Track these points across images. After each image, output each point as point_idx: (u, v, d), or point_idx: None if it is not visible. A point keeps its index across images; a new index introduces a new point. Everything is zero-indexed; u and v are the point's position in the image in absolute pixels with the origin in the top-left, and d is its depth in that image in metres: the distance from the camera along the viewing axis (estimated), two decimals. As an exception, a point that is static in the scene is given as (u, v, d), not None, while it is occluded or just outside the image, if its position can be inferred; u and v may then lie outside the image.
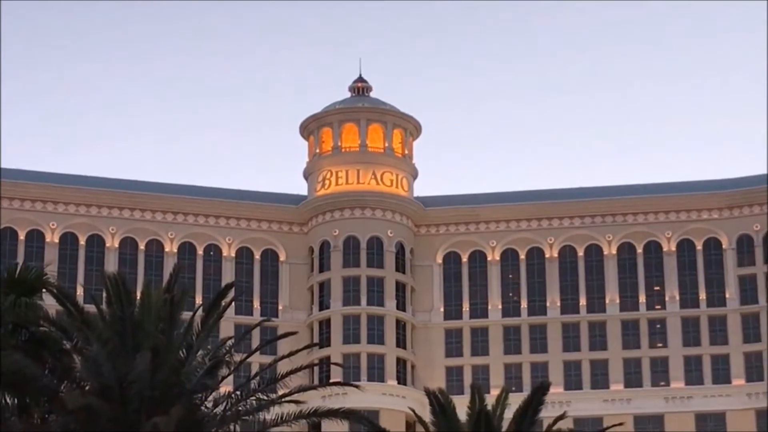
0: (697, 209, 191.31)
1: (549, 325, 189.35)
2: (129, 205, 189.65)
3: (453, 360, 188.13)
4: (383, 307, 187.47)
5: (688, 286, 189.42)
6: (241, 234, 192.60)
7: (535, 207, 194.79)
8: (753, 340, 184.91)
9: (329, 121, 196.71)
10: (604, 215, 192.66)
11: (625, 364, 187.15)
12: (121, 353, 40.37)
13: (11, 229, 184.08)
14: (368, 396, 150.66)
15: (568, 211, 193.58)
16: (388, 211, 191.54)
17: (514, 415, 42.22)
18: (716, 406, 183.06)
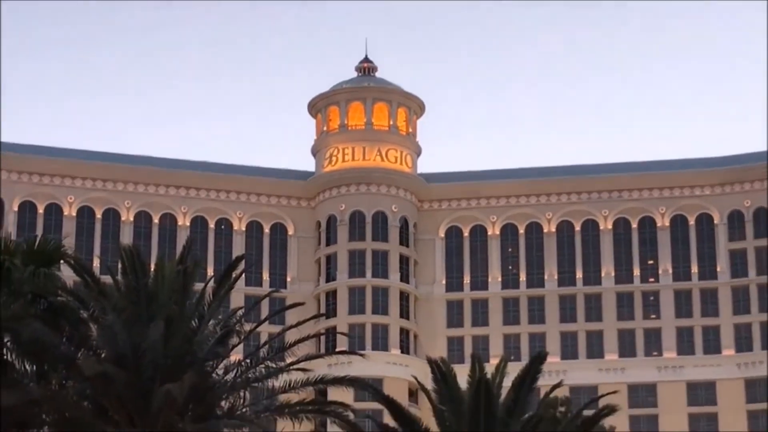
0: (689, 186, 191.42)
1: (546, 297, 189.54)
2: (144, 180, 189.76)
3: (454, 330, 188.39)
4: (387, 279, 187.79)
5: (681, 260, 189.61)
6: (251, 208, 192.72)
7: (534, 183, 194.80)
8: (743, 312, 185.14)
9: (336, 100, 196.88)
10: (600, 192, 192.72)
11: (619, 335, 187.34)
12: (135, 322, 40.41)
13: (30, 203, 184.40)
14: (373, 364, 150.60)
15: (566, 187, 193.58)
16: (393, 186, 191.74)
17: (513, 383, 42.23)
18: (707, 375, 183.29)
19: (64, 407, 42.29)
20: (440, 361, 45.33)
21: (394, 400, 45.26)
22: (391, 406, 43.56)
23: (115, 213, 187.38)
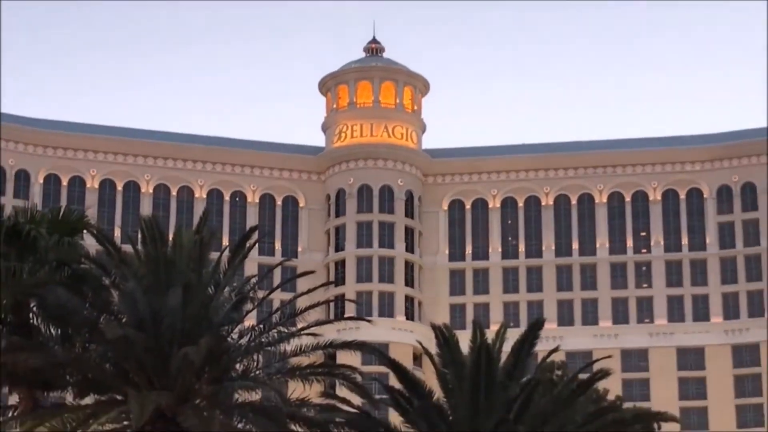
0: (680, 162, 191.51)
1: (544, 266, 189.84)
2: (162, 154, 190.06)
3: (456, 298, 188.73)
4: (393, 249, 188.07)
5: (672, 232, 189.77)
6: (265, 182, 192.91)
7: (532, 159, 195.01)
8: (730, 281, 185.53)
9: (345, 79, 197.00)
10: (595, 167, 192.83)
11: (613, 303, 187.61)
12: (154, 289, 40.46)
13: (55, 176, 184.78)
14: (379, 330, 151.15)
15: (563, 162, 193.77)
16: (399, 162, 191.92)
17: (512, 348, 42.22)
18: (696, 341, 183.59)
19: (87, 369, 42.35)
20: (443, 327, 45.30)
21: (399, 363, 45.23)
22: (397, 370, 43.56)
23: (135, 185, 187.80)
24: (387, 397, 43.23)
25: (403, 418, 42.37)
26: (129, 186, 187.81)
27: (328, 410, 43.00)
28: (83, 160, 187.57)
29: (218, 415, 40.90)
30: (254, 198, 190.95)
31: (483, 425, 39.90)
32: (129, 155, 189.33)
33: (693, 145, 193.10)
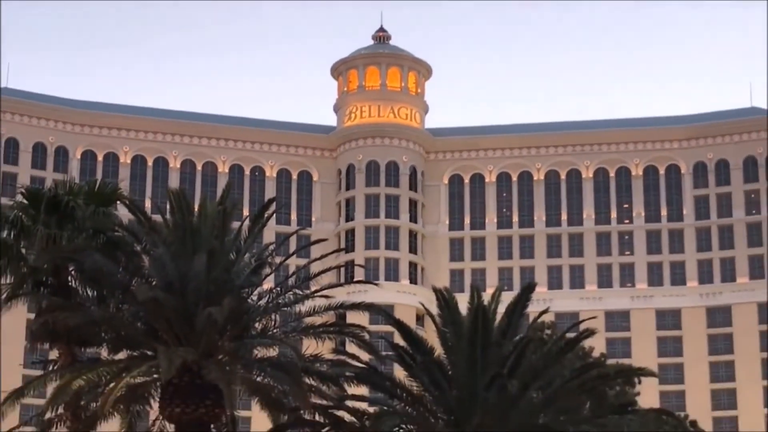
0: (660, 140, 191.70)
1: (536, 235, 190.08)
2: (189, 132, 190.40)
3: (455, 264, 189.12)
4: (398, 219, 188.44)
5: (652, 204, 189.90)
6: (282, 158, 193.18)
7: (525, 138, 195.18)
8: (705, 249, 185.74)
9: (355, 65, 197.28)
10: (582, 145, 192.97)
11: (598, 269, 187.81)
12: (181, 255, 40.53)
13: (91, 152, 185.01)
14: (385, 293, 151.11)
15: (553, 141, 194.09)
16: (403, 140, 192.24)
17: (506, 309, 42.26)
18: (673, 304, 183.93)
19: (120, 327, 42.49)
20: (444, 290, 45.31)
21: (403, 323, 45.26)
22: (401, 329, 43.60)
23: (164, 161, 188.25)
24: (392, 354, 43.27)
25: (406, 372, 42.43)
26: (158, 161, 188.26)
27: (338, 365, 43.10)
28: (117, 137, 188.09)
29: (239, 369, 41.03)
30: (272, 172, 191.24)
31: (479, 379, 39.98)
32: (158, 133, 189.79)
33: (672, 125, 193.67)
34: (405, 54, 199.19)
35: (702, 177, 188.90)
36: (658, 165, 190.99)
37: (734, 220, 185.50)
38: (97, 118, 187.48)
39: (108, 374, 40.62)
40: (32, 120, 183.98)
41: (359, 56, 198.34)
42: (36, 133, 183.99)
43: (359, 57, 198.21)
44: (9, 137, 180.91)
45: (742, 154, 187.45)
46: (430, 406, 41.41)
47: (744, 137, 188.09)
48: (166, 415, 41.36)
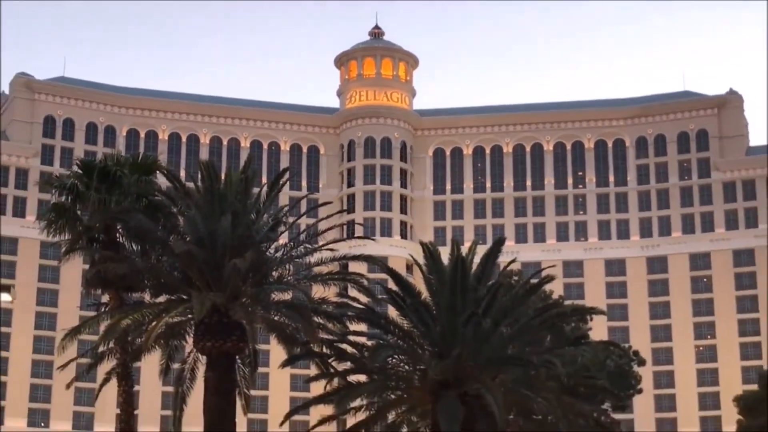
0: (608, 119, 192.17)
1: (505, 198, 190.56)
2: (216, 114, 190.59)
3: (439, 222, 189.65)
4: (391, 186, 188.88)
5: (602, 172, 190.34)
6: (294, 134, 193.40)
7: (496, 117, 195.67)
8: (645, 209, 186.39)
9: (355, 56, 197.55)
10: (544, 123, 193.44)
11: (556, 226, 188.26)
12: (210, 215, 40.52)
13: (135, 130, 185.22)
14: (380, 246, 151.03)
15: (520, 120, 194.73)
16: (395, 119, 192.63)
17: (480, 260, 42.31)
18: (619, 254, 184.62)
19: (160, 276, 42.57)
20: (429, 244, 45.30)
21: (395, 271, 45.35)
22: (394, 276, 43.67)
23: (196, 137, 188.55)
24: (386, 297, 43.31)
25: (398, 312, 42.51)
26: (191, 138, 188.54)
27: (342, 307, 43.17)
28: (156, 118, 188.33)
29: (259, 310, 41.18)
30: (286, 147, 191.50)
31: (459, 318, 40.07)
32: (191, 114, 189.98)
33: (618, 106, 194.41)
34: (396, 47, 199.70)
35: (643, 149, 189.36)
36: (607, 139, 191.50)
37: (669, 184, 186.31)
38: (139, 102, 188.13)
39: (150, 315, 40.73)
40: (85, 104, 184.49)
41: (358, 49, 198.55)
42: (88, 115, 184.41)
43: (358, 50, 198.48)
44: (66, 118, 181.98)
45: (676, 129, 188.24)
46: (418, 340, 41.52)
47: (678, 116, 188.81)
48: (198, 348, 41.48)
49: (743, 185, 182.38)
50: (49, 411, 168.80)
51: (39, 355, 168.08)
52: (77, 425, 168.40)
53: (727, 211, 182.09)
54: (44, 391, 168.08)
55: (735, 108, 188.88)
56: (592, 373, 46.14)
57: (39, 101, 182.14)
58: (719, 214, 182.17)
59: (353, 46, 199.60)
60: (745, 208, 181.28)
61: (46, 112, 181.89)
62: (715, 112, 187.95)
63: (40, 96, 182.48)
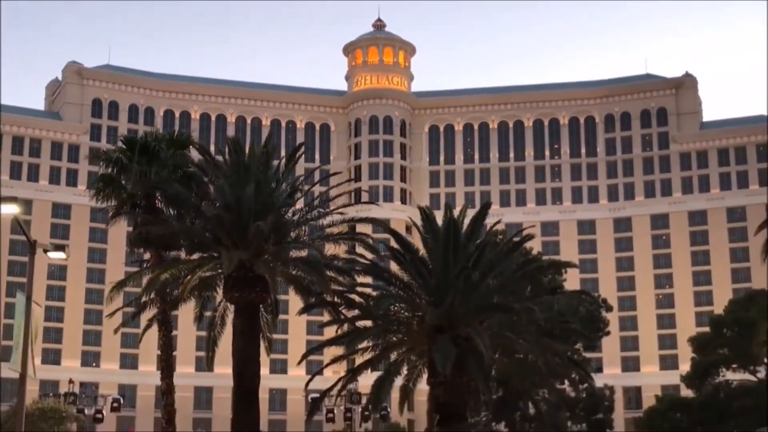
0: (580, 98, 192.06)
1: (491, 169, 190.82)
2: (241, 96, 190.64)
3: (434, 189, 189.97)
4: (392, 158, 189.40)
5: (575, 145, 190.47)
6: (308, 114, 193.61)
7: (483, 98, 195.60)
8: (612, 176, 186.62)
9: (360, 46, 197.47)
10: (524, 102, 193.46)
11: (536, 191, 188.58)
12: (236, 184, 40.56)
13: (170, 111, 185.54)
14: (383, 210, 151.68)
15: (503, 100, 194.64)
16: (396, 100, 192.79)
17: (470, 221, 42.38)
18: (590, 216, 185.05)
19: (194, 236, 42.61)
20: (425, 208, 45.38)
21: (397, 232, 45.44)
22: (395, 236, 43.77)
23: (223, 117, 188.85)
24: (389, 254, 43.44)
25: (399, 267, 42.67)
26: (219, 117, 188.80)
27: (350, 262, 43.29)
28: (189, 100, 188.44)
29: (279, 266, 41.26)
30: (301, 125, 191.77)
31: (451, 271, 40.21)
32: (219, 97, 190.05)
33: (589, 87, 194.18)
34: (396, 37, 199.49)
35: (610, 125, 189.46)
36: (579, 116, 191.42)
37: (633, 155, 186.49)
38: (174, 86, 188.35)
39: (185, 270, 40.87)
40: (128, 88, 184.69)
41: (363, 39, 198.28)
42: (130, 98, 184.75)
43: (363, 40, 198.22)
44: (111, 100, 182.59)
45: (639, 107, 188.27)
46: (416, 291, 41.66)
47: (641, 95, 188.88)
48: (227, 298, 41.67)
49: (697, 155, 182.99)
50: (100, 353, 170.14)
51: (90, 305, 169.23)
52: (124, 365, 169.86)
53: (683, 177, 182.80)
54: (95, 336, 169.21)
55: (690, 88, 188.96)
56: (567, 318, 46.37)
57: (88, 86, 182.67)
58: (676, 180, 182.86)
59: (359, 36, 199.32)
60: (698, 175, 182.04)
61: (94, 96, 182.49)
62: (672, 92, 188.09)
63: (88, 81, 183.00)
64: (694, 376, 77.05)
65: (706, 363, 75.45)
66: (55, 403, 76.10)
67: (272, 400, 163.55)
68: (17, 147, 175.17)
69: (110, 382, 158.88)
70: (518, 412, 68.44)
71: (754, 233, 64.02)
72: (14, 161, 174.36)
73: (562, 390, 55.60)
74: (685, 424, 75.71)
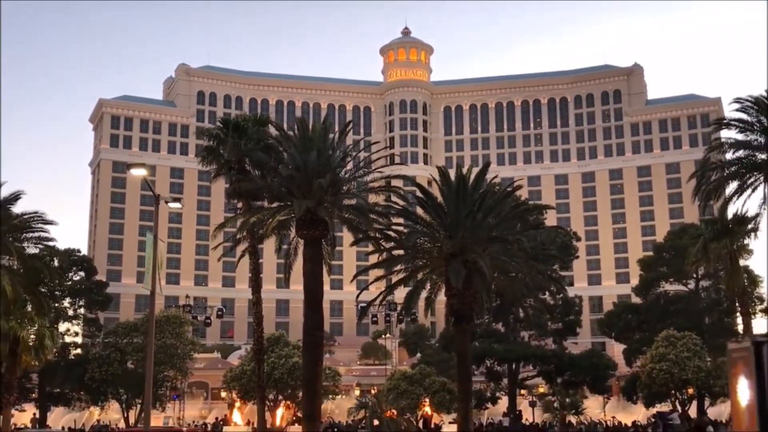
0: (556, 84, 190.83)
1: (490, 138, 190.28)
2: (306, 87, 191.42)
3: (448, 153, 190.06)
4: (417, 131, 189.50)
5: (552, 119, 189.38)
6: (354, 99, 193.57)
7: (484, 85, 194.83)
8: (581, 141, 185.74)
9: (392, 48, 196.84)
10: (515, 87, 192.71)
11: (524, 154, 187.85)
12: (303, 151, 40.36)
13: (253, 98, 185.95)
14: (411, 169, 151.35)
15: (498, 86, 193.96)
16: (419, 88, 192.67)
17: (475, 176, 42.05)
18: (564, 171, 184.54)
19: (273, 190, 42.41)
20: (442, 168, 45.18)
21: (421, 185, 45.27)
22: (420, 188, 43.62)
23: (293, 102, 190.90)
24: (415, 201, 43.34)
25: (423, 210, 42.58)
26: (290, 103, 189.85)
27: (387, 208, 43.13)
28: (267, 90, 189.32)
29: (336, 211, 41.16)
30: (349, 107, 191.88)
31: (461, 213, 40.11)
32: (289, 88, 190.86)
33: (562, 75, 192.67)
34: (419, 41, 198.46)
35: (579, 103, 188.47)
36: (555, 97, 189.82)
37: (596, 126, 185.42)
38: (256, 81, 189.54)
39: (268, 214, 40.97)
40: (223, 83, 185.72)
41: (394, 43, 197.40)
42: (225, 89, 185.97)
43: (394, 43, 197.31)
44: (211, 92, 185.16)
45: (600, 89, 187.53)
46: (436, 228, 41.56)
47: (601, 81, 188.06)
48: (298, 235, 41.55)
49: (643, 125, 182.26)
50: (207, 276, 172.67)
51: (199, 241, 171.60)
52: (224, 284, 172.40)
53: (633, 142, 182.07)
54: (203, 263, 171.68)
55: (638, 75, 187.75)
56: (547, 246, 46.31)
57: (194, 81, 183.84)
58: (628, 144, 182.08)
59: (391, 41, 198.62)
60: (644, 140, 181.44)
61: (199, 89, 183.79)
62: (625, 78, 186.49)
63: (194, 78, 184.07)
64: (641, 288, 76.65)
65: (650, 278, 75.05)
66: (176, 312, 77.47)
67: (332, 309, 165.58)
68: (144, 127, 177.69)
69: (215, 296, 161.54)
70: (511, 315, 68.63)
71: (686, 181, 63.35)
72: (142, 137, 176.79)
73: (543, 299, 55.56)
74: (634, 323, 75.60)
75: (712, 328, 69.35)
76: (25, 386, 66.67)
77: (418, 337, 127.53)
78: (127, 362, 64.93)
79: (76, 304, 72.36)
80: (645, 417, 72.53)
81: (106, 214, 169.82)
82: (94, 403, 68.83)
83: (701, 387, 59.71)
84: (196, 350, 73.69)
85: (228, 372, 65.15)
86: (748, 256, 58.16)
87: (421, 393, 61.80)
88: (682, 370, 58.01)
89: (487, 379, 70.06)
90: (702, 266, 56.47)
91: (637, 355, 70.34)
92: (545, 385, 69.64)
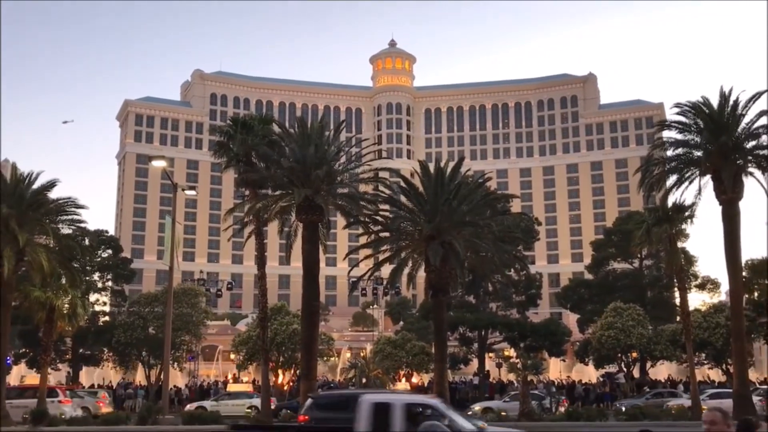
0: (522, 89, 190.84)
1: (465, 136, 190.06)
2: (304, 90, 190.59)
3: (428, 149, 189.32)
4: (401, 129, 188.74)
5: (518, 120, 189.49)
6: (347, 101, 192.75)
7: (460, 91, 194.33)
8: (543, 140, 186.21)
9: (380, 57, 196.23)
10: (486, 93, 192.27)
11: (493, 150, 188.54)
12: (303, 147, 40.22)
13: (259, 100, 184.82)
14: (396, 163, 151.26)
15: (472, 92, 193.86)
16: (403, 92, 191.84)
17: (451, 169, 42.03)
18: (527, 165, 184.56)
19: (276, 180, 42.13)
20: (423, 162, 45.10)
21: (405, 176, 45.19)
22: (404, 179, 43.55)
23: (293, 104, 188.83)
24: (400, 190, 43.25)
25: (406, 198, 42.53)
26: (291, 104, 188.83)
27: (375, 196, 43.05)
28: (271, 93, 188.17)
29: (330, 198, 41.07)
30: (342, 108, 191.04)
31: (439, 200, 40.10)
32: (290, 91, 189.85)
33: (526, 83, 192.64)
34: (404, 52, 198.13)
35: (541, 107, 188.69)
36: (521, 101, 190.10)
37: (555, 126, 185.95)
38: (261, 84, 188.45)
39: (271, 201, 40.83)
40: (233, 86, 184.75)
41: (382, 53, 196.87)
42: (234, 92, 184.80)
43: (382, 53, 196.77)
44: (222, 94, 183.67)
45: (560, 95, 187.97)
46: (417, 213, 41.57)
47: (560, 88, 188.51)
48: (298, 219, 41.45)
49: (596, 126, 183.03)
50: (218, 253, 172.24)
51: (212, 223, 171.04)
52: (234, 261, 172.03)
53: (587, 140, 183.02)
54: (215, 243, 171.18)
55: (592, 82, 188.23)
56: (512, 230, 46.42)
57: (207, 85, 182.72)
58: (583, 142, 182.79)
59: (379, 51, 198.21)
60: (597, 138, 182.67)
61: (211, 91, 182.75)
62: (581, 85, 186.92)
63: (207, 82, 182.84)
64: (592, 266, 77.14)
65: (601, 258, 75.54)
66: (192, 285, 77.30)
67: (327, 283, 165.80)
68: (164, 124, 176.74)
69: (225, 272, 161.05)
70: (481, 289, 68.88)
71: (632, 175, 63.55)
72: (162, 133, 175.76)
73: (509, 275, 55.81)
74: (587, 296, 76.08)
75: (653, 301, 70.07)
76: (60, 348, 66.83)
77: (401, 307, 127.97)
78: (149, 328, 64.79)
79: (105, 278, 72.26)
80: (595, 376, 73.54)
81: (130, 199, 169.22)
82: (120, 364, 68.81)
83: (643, 351, 60.66)
84: (208, 318, 73.75)
85: (236, 337, 65.24)
86: (685, 239, 59.16)
87: (403, 356, 62.16)
88: (627, 336, 58.73)
89: (460, 344, 70.36)
90: (645, 248, 56.89)
91: (589, 323, 70.90)
92: (510, 349, 70.06)
